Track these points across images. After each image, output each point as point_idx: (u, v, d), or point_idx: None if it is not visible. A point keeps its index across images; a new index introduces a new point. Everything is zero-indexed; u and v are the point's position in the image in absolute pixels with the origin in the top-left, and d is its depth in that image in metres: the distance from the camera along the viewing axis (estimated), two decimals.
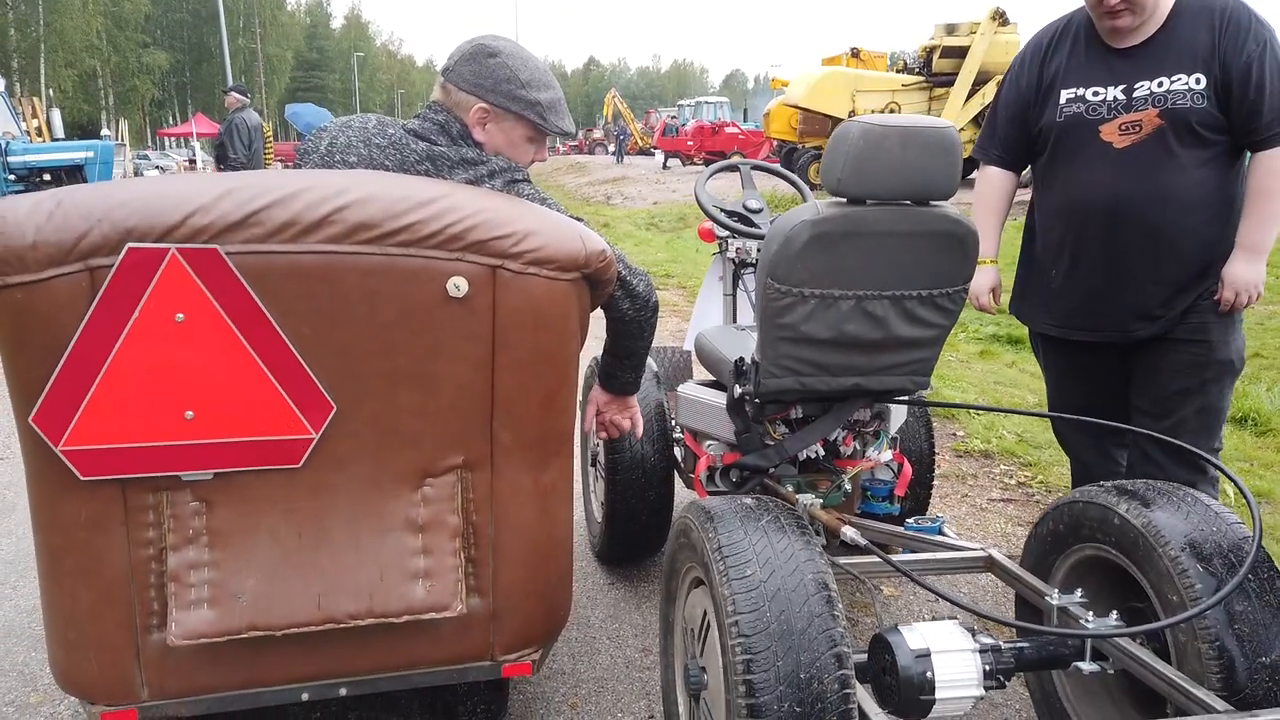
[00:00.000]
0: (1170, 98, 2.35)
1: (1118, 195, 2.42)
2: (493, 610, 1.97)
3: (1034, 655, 1.90)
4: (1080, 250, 2.52)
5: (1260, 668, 1.66)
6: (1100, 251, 2.49)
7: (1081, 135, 2.46)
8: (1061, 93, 2.51)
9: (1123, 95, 2.41)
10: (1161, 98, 2.36)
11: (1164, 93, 2.36)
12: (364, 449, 1.83)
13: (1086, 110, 2.47)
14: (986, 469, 4.14)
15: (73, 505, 1.73)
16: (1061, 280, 2.59)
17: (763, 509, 1.82)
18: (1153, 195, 2.38)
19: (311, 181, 1.72)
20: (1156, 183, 2.38)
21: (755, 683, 1.55)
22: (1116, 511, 1.89)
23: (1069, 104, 2.49)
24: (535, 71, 2.02)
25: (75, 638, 1.80)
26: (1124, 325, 2.52)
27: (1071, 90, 2.49)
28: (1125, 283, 2.48)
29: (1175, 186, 2.37)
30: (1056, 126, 2.51)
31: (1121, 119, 2.41)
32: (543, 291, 1.82)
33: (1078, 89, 2.48)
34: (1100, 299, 2.53)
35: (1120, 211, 2.42)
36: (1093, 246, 2.50)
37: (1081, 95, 2.48)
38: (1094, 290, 2.53)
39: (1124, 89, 2.42)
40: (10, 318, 1.61)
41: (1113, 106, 2.43)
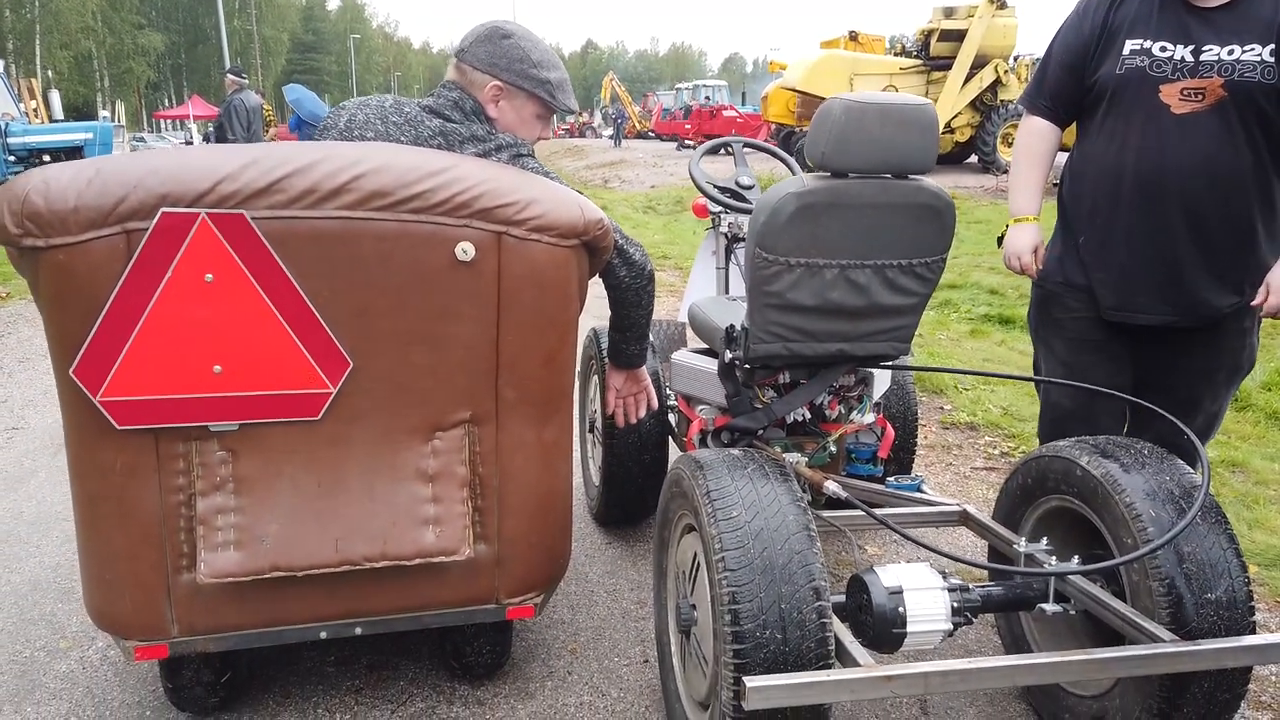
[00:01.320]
0: (1238, 68, 2.16)
1: (1164, 163, 2.23)
2: (497, 556, 2.11)
3: (1001, 596, 2.04)
4: (1113, 220, 2.35)
5: (1206, 603, 1.80)
6: (1136, 220, 2.31)
7: (1140, 92, 2.26)
8: (1127, 43, 2.29)
9: (1190, 57, 2.20)
10: (1229, 67, 2.17)
11: (1233, 61, 2.17)
12: (378, 403, 1.97)
13: (1151, 65, 2.25)
14: (971, 440, 4.28)
15: (109, 453, 1.87)
16: (1091, 251, 2.43)
17: (748, 459, 1.96)
18: (1201, 172, 2.21)
19: (329, 152, 1.84)
20: (1206, 157, 2.20)
21: (740, 613, 1.69)
22: (1078, 464, 2.03)
23: (1132, 55, 2.27)
24: (545, 53, 2.16)
25: (111, 578, 1.94)
26: (1149, 308, 2.35)
27: (1138, 41, 2.27)
28: (1158, 261, 2.31)
29: (1225, 165, 2.19)
30: (1115, 79, 2.30)
31: (1185, 83, 2.21)
32: (544, 256, 1.95)
33: (1144, 41, 2.26)
34: (1128, 273, 2.36)
35: (1163, 184, 2.25)
36: (1127, 217, 2.32)
37: (1148, 49, 2.26)
38: (1122, 262, 2.36)
39: (1192, 50, 2.21)
40: (53, 277, 1.74)
41: (1178, 66, 2.22)
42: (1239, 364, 2.44)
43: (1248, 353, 2.43)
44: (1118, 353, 2.48)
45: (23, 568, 2.98)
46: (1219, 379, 2.43)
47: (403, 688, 2.34)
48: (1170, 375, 2.45)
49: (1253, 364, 2.45)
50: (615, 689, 2.34)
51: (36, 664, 2.44)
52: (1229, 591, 1.82)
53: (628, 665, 2.45)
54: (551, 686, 2.35)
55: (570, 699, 2.30)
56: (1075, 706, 2.10)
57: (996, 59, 19.68)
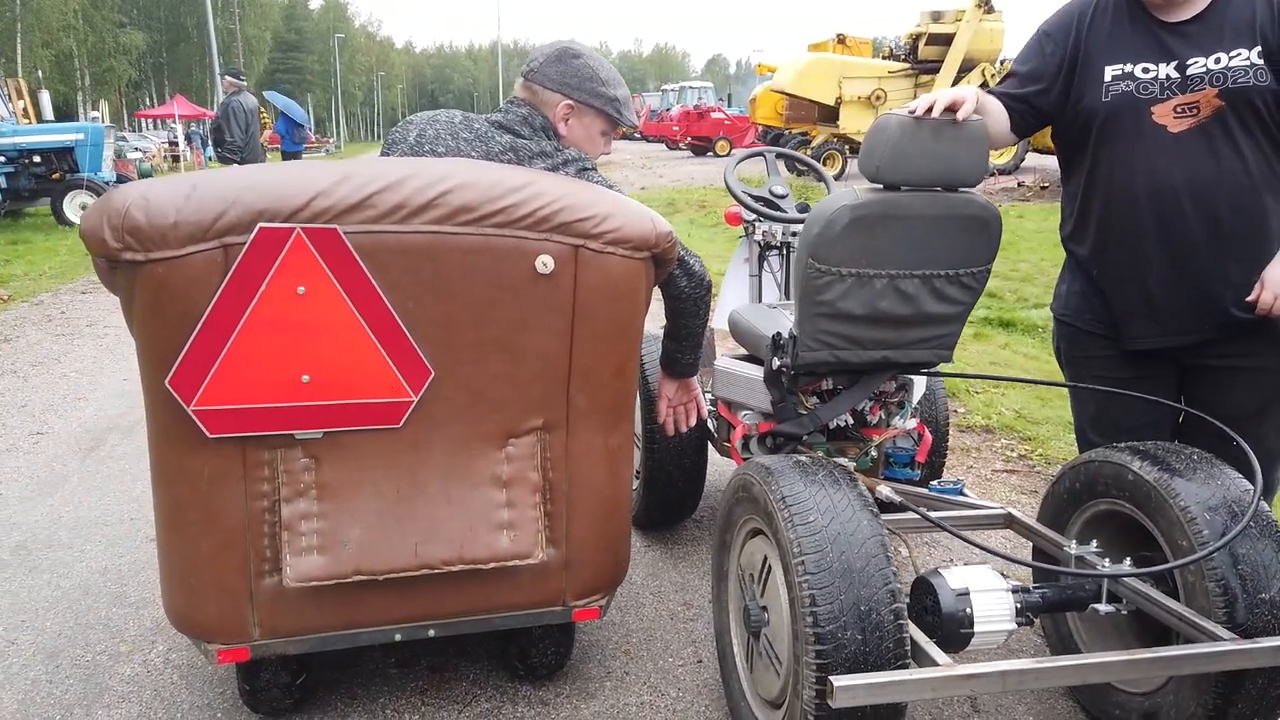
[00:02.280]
0: (1230, 75, 2.12)
1: (1174, 184, 2.18)
2: (566, 560, 2.17)
3: (1057, 597, 2.12)
4: (1134, 246, 2.28)
5: (1260, 603, 1.88)
6: (1156, 248, 2.24)
7: (1132, 118, 2.20)
8: (1106, 69, 2.23)
9: (1176, 73, 2.16)
10: (1220, 75, 2.13)
11: (1222, 70, 2.13)
12: (456, 411, 2.02)
13: (1137, 89, 2.20)
14: (989, 443, 4.37)
15: (198, 461, 1.91)
16: (1110, 280, 2.35)
17: (817, 465, 2.03)
18: (1213, 185, 2.16)
19: (418, 168, 1.90)
20: (1218, 169, 2.16)
21: (821, 615, 1.76)
22: (1130, 469, 2.11)
23: (1116, 81, 2.22)
24: (611, 72, 2.22)
25: (195, 582, 1.99)
26: (1183, 329, 2.28)
27: (1118, 66, 2.22)
28: (1185, 283, 2.24)
29: (1238, 174, 2.15)
30: (1103, 108, 2.23)
31: (1177, 100, 2.16)
32: (619, 269, 2.01)
33: (1125, 65, 2.21)
34: (1155, 301, 2.28)
35: (1179, 202, 2.19)
36: (1147, 242, 2.25)
37: (1130, 72, 2.21)
38: (1148, 291, 2.28)
39: (1176, 66, 2.16)
40: (151, 290, 1.78)
41: (1166, 85, 2.17)
42: None
43: None
44: (1151, 389, 2.38)
45: (71, 573, 3.01)
46: (1265, 387, 2.29)
47: (465, 689, 2.39)
48: (1217, 405, 2.30)
49: None
50: (673, 689, 2.40)
51: (100, 668, 2.47)
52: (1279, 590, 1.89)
53: (682, 665, 2.51)
54: (611, 687, 2.40)
55: (630, 699, 2.36)
56: (1126, 703, 2.17)
57: (984, 63, 19.87)
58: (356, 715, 2.28)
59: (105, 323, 6.97)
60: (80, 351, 6.06)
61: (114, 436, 4.35)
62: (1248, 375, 2.29)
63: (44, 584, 2.93)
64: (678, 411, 2.65)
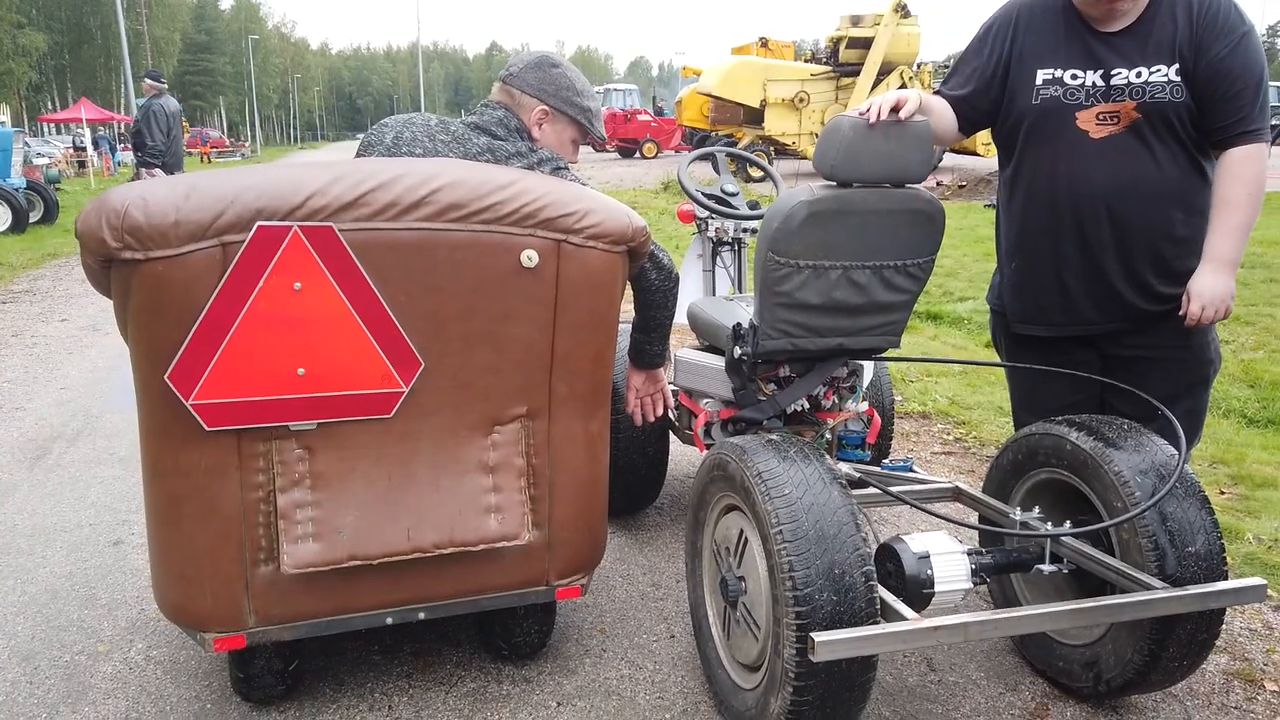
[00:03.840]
0: (1148, 90, 2.26)
1: (1091, 188, 2.34)
2: (549, 541, 2.27)
3: (1005, 559, 2.29)
4: (1051, 241, 2.45)
5: (1188, 555, 2.08)
6: (1071, 244, 2.41)
7: (1057, 122, 2.36)
8: (1038, 73, 2.38)
9: (1101, 82, 2.30)
10: (1139, 89, 2.27)
11: (1142, 84, 2.27)
12: (444, 401, 2.11)
13: (1064, 94, 2.35)
14: (926, 427, 4.59)
15: (194, 454, 1.96)
16: (1028, 271, 2.53)
17: (788, 443, 2.17)
18: (1126, 189, 2.31)
19: (409, 168, 1.98)
20: (1131, 176, 2.31)
21: (799, 579, 1.89)
22: (1068, 439, 2.29)
23: (1046, 85, 2.37)
24: (585, 84, 2.35)
25: (192, 573, 2.03)
26: (1094, 319, 2.45)
27: (1049, 71, 2.37)
28: (1094, 277, 2.41)
29: (1149, 180, 2.30)
30: (1032, 111, 2.39)
31: (1099, 108, 2.31)
32: (598, 262, 2.12)
33: (1055, 70, 2.36)
34: (1069, 291, 2.45)
35: (1094, 205, 2.35)
36: (1063, 238, 2.42)
37: (1059, 78, 2.36)
38: (1063, 282, 2.45)
39: (1102, 75, 2.30)
40: (150, 288, 1.83)
41: (1091, 93, 2.32)
42: (1199, 361, 2.47)
43: (1204, 351, 2.47)
44: (1077, 364, 2.56)
45: (35, 579, 2.99)
46: (1178, 376, 2.46)
47: (450, 671, 2.47)
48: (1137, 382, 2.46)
49: (1218, 361, 2.52)
50: (650, 662, 2.52)
51: (80, 668, 2.49)
52: (1206, 545, 2.09)
53: (656, 641, 2.63)
54: (590, 663, 2.51)
55: (610, 673, 2.47)
56: (1069, 655, 2.36)
57: (902, 65, 20.48)
58: (346, 699, 2.34)
59: (32, 333, 6.80)
60: (10, 363, 5.91)
61: (59, 445, 4.29)
62: (1161, 365, 2.47)
63: (8, 590, 2.92)
64: (644, 402, 2.76)
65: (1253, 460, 4.02)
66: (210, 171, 1.94)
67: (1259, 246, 9.80)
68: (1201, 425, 2.60)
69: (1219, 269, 2.27)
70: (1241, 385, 5.07)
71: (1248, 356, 5.61)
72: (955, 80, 2.61)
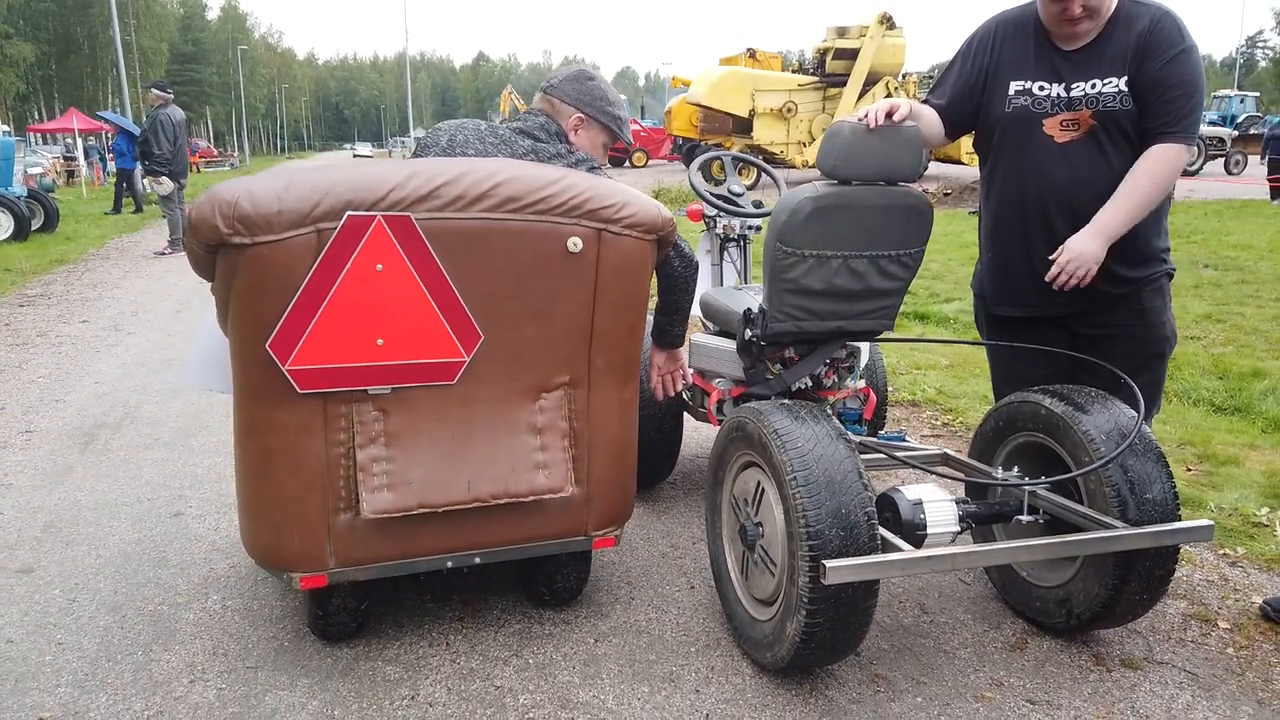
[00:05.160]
0: (1101, 99, 2.57)
1: (1055, 186, 2.65)
2: (587, 496, 2.57)
3: (988, 511, 2.61)
4: (1021, 231, 2.75)
5: (1146, 501, 2.40)
6: (1038, 233, 2.71)
7: (1027, 127, 2.67)
8: (1011, 84, 2.69)
9: (1064, 93, 2.62)
10: (1094, 99, 2.58)
11: (1096, 94, 2.57)
12: (499, 370, 2.41)
13: (1033, 104, 2.66)
14: (915, 414, 4.91)
15: (287, 414, 2.26)
16: (1003, 257, 2.83)
17: (799, 406, 2.48)
18: (1084, 187, 2.61)
19: (472, 166, 2.29)
20: (1089, 176, 2.61)
21: (811, 518, 2.20)
22: (1043, 405, 2.62)
23: (1017, 96, 2.68)
24: (616, 95, 2.69)
25: (281, 520, 2.33)
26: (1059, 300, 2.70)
27: (1020, 83, 2.68)
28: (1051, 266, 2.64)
29: (1104, 180, 2.59)
30: (1005, 118, 2.71)
31: (1062, 116, 2.62)
32: (633, 248, 2.43)
33: (1025, 82, 2.67)
34: (1039, 275, 2.69)
35: (1057, 201, 2.66)
36: (1031, 228, 2.72)
37: (1028, 89, 2.67)
38: (1033, 267, 2.72)
39: (1064, 87, 2.62)
40: (255, 269, 2.13)
41: (1055, 102, 2.63)
42: (1156, 338, 2.76)
43: (1161, 329, 2.76)
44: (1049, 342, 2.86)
45: (107, 544, 3.28)
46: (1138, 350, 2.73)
47: (497, 615, 2.77)
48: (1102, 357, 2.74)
49: (1174, 339, 2.81)
50: (673, 608, 2.83)
51: (164, 616, 2.77)
52: (1161, 492, 2.42)
53: (678, 591, 2.93)
54: (620, 609, 2.81)
55: (639, 616, 2.77)
56: (1045, 595, 2.67)
57: (887, 76, 20.91)
58: (407, 638, 2.64)
59: (56, 333, 7.05)
60: (40, 359, 6.17)
61: (104, 432, 4.57)
62: (1123, 342, 2.76)
63: (84, 554, 3.20)
64: (665, 379, 3.07)
65: (1218, 442, 4.35)
66: (300, 167, 2.24)
67: (1233, 250, 10.22)
68: (1159, 396, 2.92)
69: (1094, 233, 2.55)
70: (1211, 377, 5.41)
71: (1218, 351, 5.97)
72: (940, 90, 2.94)
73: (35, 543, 3.29)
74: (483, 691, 2.40)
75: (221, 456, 4.20)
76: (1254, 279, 8.59)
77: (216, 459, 4.17)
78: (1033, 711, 2.33)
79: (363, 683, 2.43)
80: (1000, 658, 2.57)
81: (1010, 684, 2.45)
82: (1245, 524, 3.44)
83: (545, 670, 2.50)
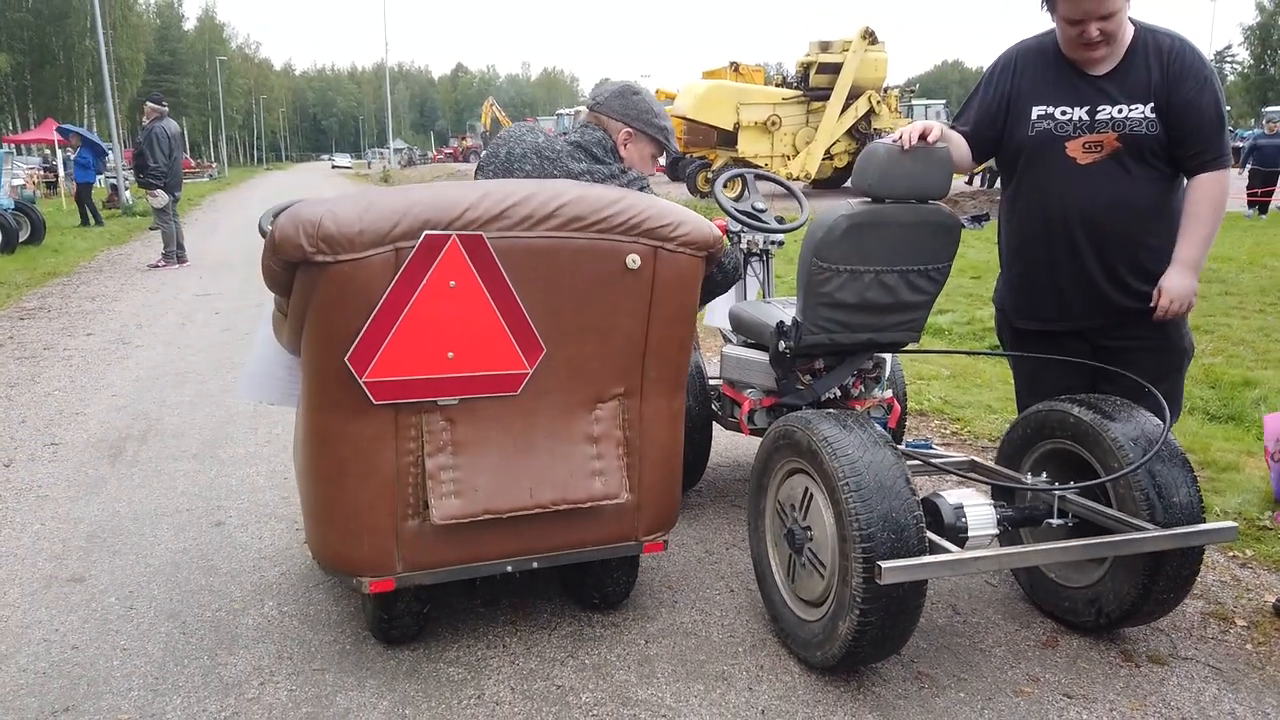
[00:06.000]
0: (1128, 124, 2.70)
1: (1079, 205, 2.78)
2: (639, 502, 2.67)
3: (1019, 515, 2.74)
4: (1046, 250, 2.88)
5: (1173, 504, 2.53)
6: (1062, 251, 2.84)
7: (1050, 150, 2.80)
8: (1033, 109, 2.83)
9: (1087, 116, 2.74)
10: (1120, 123, 2.71)
11: (1123, 119, 2.71)
12: (559, 381, 2.52)
13: (1055, 127, 2.78)
14: (924, 424, 5.05)
15: (360, 424, 2.36)
16: (1027, 275, 2.96)
17: (844, 414, 2.60)
18: (1108, 206, 2.75)
19: (539, 187, 2.40)
20: (1112, 195, 2.75)
21: (863, 521, 2.32)
22: (1071, 413, 2.75)
23: (1039, 120, 2.81)
24: (660, 108, 2.80)
25: (353, 526, 2.42)
26: (1084, 315, 2.87)
27: (1042, 108, 2.81)
28: (1082, 279, 2.83)
29: (1128, 199, 2.75)
30: (1029, 141, 2.84)
31: (1085, 138, 2.75)
32: (686, 265, 2.55)
33: (1048, 107, 2.80)
34: (1064, 292, 2.87)
35: (1080, 220, 2.79)
36: (1056, 247, 2.85)
37: (1050, 113, 2.79)
38: (1057, 284, 2.88)
39: (1088, 110, 2.74)
40: (335, 285, 2.23)
41: (1078, 125, 2.75)
42: (1174, 350, 2.90)
43: (1180, 341, 2.89)
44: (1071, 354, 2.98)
45: (154, 553, 3.34)
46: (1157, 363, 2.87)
47: (547, 619, 2.86)
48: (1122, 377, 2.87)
49: (1191, 351, 2.97)
50: (716, 610, 2.93)
51: (223, 622, 2.85)
52: (1187, 496, 2.55)
53: (718, 594, 3.04)
54: (665, 612, 2.92)
55: (684, 618, 2.88)
56: (1074, 596, 2.80)
57: (870, 90, 21.19)
58: (464, 640, 2.73)
59: (63, 346, 7.08)
60: (52, 373, 6.21)
61: (131, 444, 4.62)
62: (1141, 354, 2.88)
63: (132, 563, 3.26)
64: None
65: (1216, 449, 4.51)
66: (386, 191, 2.34)
67: (1215, 262, 10.46)
68: (1179, 406, 3.06)
69: (1184, 270, 2.73)
70: (1204, 386, 5.59)
71: (1208, 361, 6.16)
72: (965, 117, 3.08)
73: (82, 552, 3.35)
74: (545, 691, 2.50)
75: (252, 467, 4.27)
76: (1237, 290, 8.84)
77: (248, 470, 4.24)
78: (1070, 705, 2.46)
79: (428, 683, 2.52)
80: (1034, 654, 2.69)
81: (1046, 679, 2.57)
82: (1251, 527, 3.59)
83: (602, 670, 2.60)
